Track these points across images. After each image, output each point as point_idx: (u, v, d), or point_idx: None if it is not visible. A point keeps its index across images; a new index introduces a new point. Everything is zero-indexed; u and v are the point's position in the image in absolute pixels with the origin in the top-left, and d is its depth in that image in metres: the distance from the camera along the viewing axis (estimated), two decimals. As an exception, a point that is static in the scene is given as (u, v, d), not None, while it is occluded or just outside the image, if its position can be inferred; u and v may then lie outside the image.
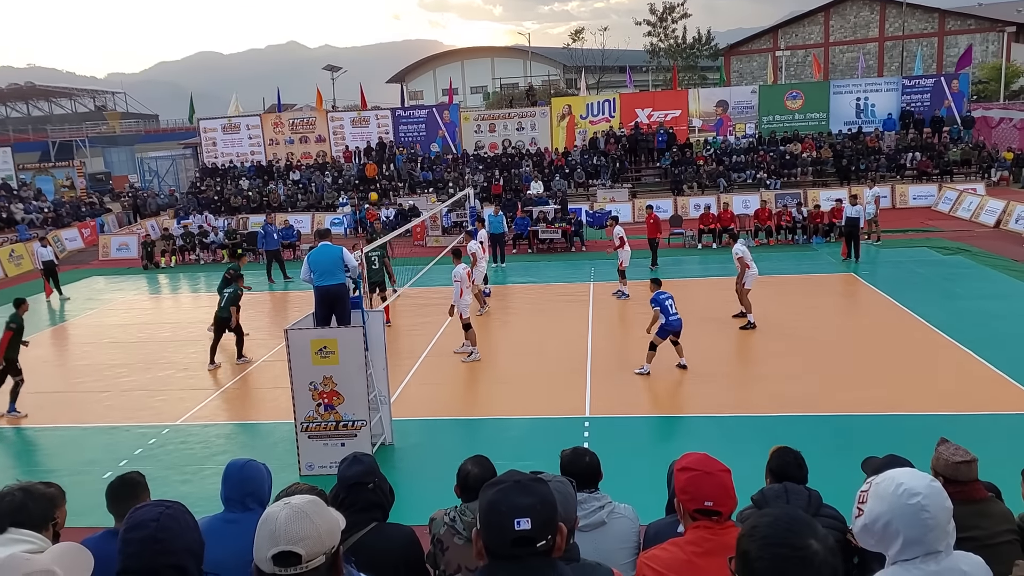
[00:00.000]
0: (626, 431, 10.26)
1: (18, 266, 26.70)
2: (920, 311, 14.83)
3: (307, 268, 9.98)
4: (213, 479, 8.93)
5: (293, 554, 2.19)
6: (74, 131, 57.05)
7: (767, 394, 11.24)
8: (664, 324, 12.08)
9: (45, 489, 3.32)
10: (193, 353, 15.24)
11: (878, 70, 50.60)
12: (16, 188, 37.29)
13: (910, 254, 20.52)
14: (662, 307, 12.08)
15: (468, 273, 13.93)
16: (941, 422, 9.55)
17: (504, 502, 2.18)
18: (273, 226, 24.01)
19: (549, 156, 34.42)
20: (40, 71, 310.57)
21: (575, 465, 3.96)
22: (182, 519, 2.68)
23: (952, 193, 27.61)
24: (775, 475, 4.24)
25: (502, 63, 78.62)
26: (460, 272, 13.52)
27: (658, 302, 12.15)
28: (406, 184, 33.67)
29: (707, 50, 61.63)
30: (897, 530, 2.29)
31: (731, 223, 23.92)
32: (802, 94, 34.90)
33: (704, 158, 32.96)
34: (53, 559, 2.17)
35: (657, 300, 12.18)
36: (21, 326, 12.35)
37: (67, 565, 2.18)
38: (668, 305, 12.09)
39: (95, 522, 7.64)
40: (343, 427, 9.36)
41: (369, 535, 3.66)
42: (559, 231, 24.66)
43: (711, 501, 2.88)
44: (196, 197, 34.58)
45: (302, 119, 37.83)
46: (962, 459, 3.74)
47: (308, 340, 9.29)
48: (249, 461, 3.89)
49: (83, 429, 11.55)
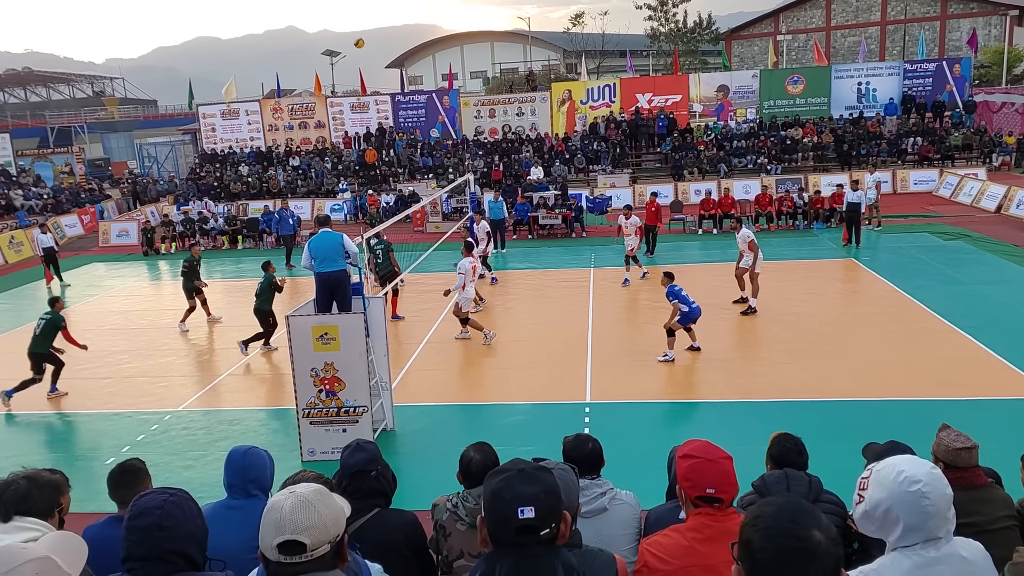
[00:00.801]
0: (627, 417, 10.29)
1: (18, 253, 26.68)
2: (921, 296, 14.83)
3: (307, 255, 10.01)
4: (215, 465, 8.99)
5: (298, 543, 2.20)
6: (72, 117, 56.85)
7: (767, 380, 11.26)
8: (687, 313, 12.22)
9: (51, 476, 3.33)
10: (194, 340, 15.27)
11: (880, 54, 50.35)
12: (15, 174, 37.22)
13: (911, 239, 20.50)
14: (680, 298, 12.25)
15: (474, 267, 13.90)
16: (941, 408, 9.58)
17: (508, 491, 2.20)
18: (289, 211, 23.91)
19: (549, 141, 34.33)
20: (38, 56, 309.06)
21: (578, 451, 3.97)
22: (186, 506, 2.70)
23: (953, 178, 27.54)
24: (776, 461, 4.25)
25: (502, 48, 78.20)
26: (465, 265, 13.54)
27: (675, 294, 12.29)
28: (406, 170, 33.60)
29: (708, 34, 61.24)
30: (897, 516, 2.30)
31: (732, 209, 23.87)
32: (803, 79, 34.75)
33: (705, 143, 32.87)
34: (48, 547, 2.18)
35: (674, 293, 12.32)
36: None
37: (62, 553, 2.19)
38: (685, 296, 12.30)
39: (97, 508, 7.68)
40: (344, 413, 9.39)
41: (371, 521, 3.68)
42: (559, 217, 24.63)
43: (713, 488, 2.90)
44: (195, 183, 34.50)
45: (301, 105, 37.69)
46: (963, 445, 3.75)
47: (309, 326, 9.30)
48: (251, 448, 3.90)
49: (85, 415, 11.59)
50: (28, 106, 70.33)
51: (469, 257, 13.87)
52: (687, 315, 12.24)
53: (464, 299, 13.63)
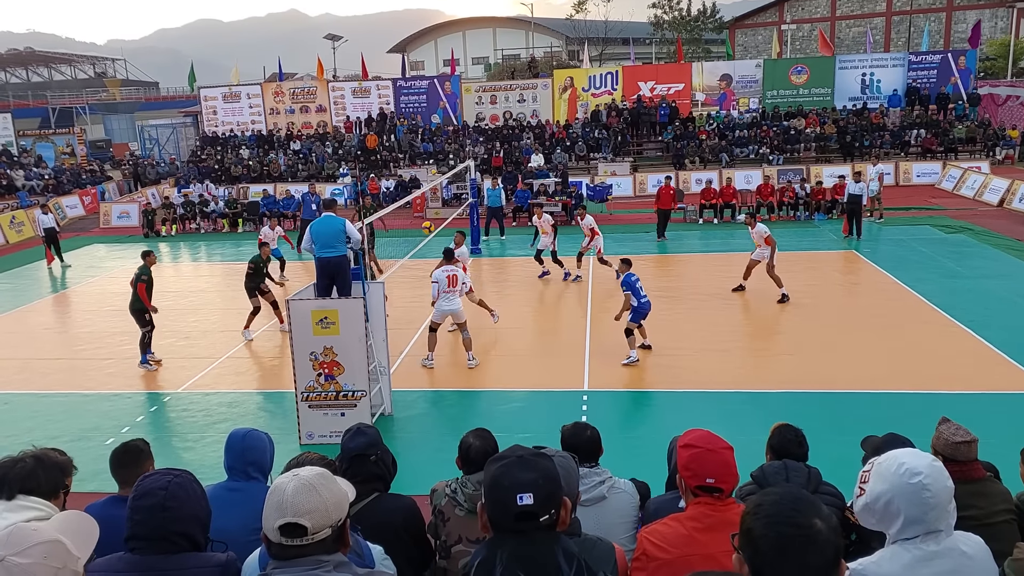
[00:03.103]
0: (624, 405, 10.31)
1: (19, 233, 26.65)
2: (921, 289, 14.83)
3: (308, 238, 10.02)
4: (215, 447, 9.02)
5: (299, 526, 2.22)
6: (74, 98, 56.64)
7: (767, 370, 11.28)
8: (637, 307, 11.65)
9: (58, 457, 3.31)
10: (194, 321, 15.27)
11: (885, 45, 50.09)
12: (16, 155, 37.09)
13: (912, 232, 20.47)
14: (633, 290, 11.61)
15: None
16: (940, 401, 9.59)
17: (507, 477, 2.21)
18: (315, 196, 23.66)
19: (550, 129, 34.21)
20: (40, 36, 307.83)
21: (577, 439, 3.98)
22: (190, 488, 2.71)
23: (956, 171, 27.48)
24: (776, 452, 4.26)
25: (504, 34, 77.86)
26: (439, 275, 11.85)
27: (629, 285, 11.63)
28: (406, 155, 33.51)
29: (712, 23, 60.94)
30: (898, 509, 2.31)
31: (733, 198, 23.85)
32: (807, 69, 34.60)
33: (707, 132, 32.75)
34: (58, 528, 2.18)
35: (629, 283, 11.64)
36: (151, 277, 12.78)
37: (72, 533, 2.19)
38: (639, 288, 11.69)
39: (97, 488, 7.69)
40: (343, 397, 9.41)
41: (370, 505, 3.69)
42: (559, 204, 24.59)
43: (713, 478, 2.90)
44: (196, 166, 34.43)
45: (303, 88, 37.54)
46: (963, 439, 3.76)
47: (309, 310, 9.30)
48: (251, 430, 3.91)
49: (85, 396, 11.61)
50: (30, 86, 70.01)
51: (447, 266, 11.99)
52: (637, 310, 11.64)
53: (437, 313, 11.93)
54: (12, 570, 1.92)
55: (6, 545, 1.96)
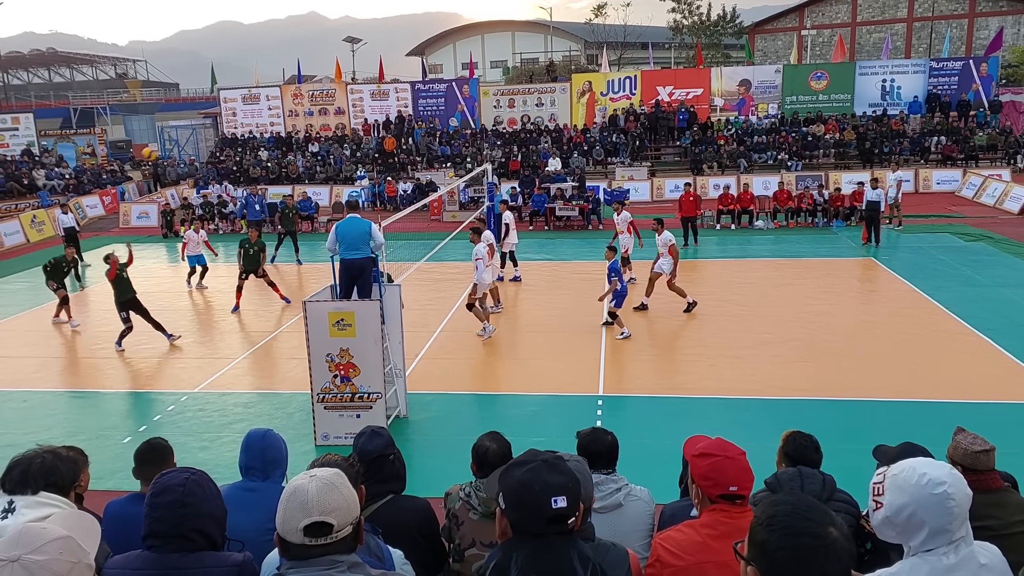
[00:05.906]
0: (639, 411, 10.28)
1: (40, 232, 26.94)
2: (940, 297, 14.70)
3: (333, 238, 9.96)
4: (231, 447, 9.08)
5: (325, 524, 2.26)
6: (95, 98, 57.23)
7: (782, 377, 11.21)
8: (619, 291, 12.94)
9: (67, 453, 3.35)
10: (211, 322, 15.37)
11: (905, 51, 49.75)
12: (38, 154, 37.51)
13: (931, 239, 20.30)
14: (620, 277, 12.93)
15: (490, 248, 13.85)
16: (956, 410, 9.50)
17: (538, 481, 2.22)
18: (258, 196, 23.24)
19: (568, 133, 34.22)
20: (62, 37, 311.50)
21: (597, 444, 3.95)
22: (207, 486, 2.74)
23: (977, 179, 27.23)
24: (791, 458, 4.23)
25: (522, 37, 77.99)
26: (480, 251, 13.54)
27: (617, 272, 12.90)
28: (424, 158, 33.62)
29: (731, 28, 60.80)
30: (922, 521, 2.27)
31: (750, 204, 23.75)
32: (827, 74, 34.42)
33: (725, 138, 32.64)
34: (63, 526, 2.21)
35: (615, 270, 12.90)
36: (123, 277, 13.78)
37: (78, 531, 2.22)
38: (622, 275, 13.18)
39: (114, 485, 7.79)
40: (359, 399, 9.44)
41: (386, 506, 3.71)
42: (576, 209, 24.58)
43: (736, 485, 2.89)
44: (215, 167, 34.70)
45: (321, 91, 37.75)
46: (981, 448, 3.73)
47: (326, 312, 9.34)
48: (269, 431, 3.94)
49: (103, 394, 11.72)
50: (52, 87, 70.88)
51: (480, 242, 13.79)
52: (619, 293, 12.94)
53: (482, 285, 13.58)
54: (31, 567, 1.95)
55: (19, 545, 1.99)
